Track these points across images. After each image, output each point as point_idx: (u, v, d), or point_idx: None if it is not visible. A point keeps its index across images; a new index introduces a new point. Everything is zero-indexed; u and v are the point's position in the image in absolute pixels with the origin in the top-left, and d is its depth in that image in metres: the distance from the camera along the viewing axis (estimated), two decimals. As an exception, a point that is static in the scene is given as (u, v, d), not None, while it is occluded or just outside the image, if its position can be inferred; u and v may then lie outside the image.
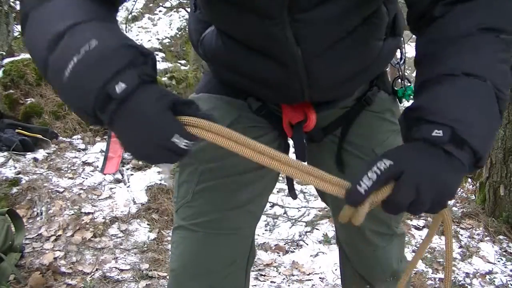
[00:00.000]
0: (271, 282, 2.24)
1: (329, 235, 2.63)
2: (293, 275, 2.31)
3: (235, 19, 0.80)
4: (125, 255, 2.33)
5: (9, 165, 2.85)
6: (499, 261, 2.51)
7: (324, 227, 2.73)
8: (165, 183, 0.64)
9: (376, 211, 1.09)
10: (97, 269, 2.20)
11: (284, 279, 2.27)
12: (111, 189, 2.86)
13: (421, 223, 2.87)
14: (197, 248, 0.97)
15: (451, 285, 2.19)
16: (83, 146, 3.29)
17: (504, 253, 2.59)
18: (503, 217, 2.78)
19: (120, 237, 2.49)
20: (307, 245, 2.58)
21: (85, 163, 3.08)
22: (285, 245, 2.59)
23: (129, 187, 2.89)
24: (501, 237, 2.72)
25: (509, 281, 2.33)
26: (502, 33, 0.69)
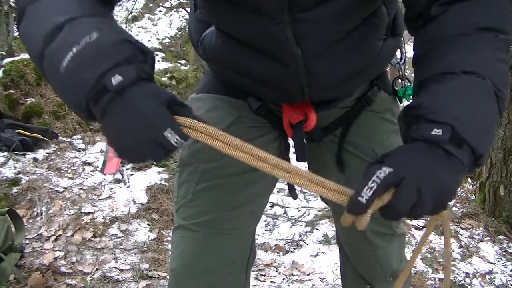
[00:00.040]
0: (271, 282, 2.24)
1: (329, 235, 2.63)
2: (293, 275, 2.31)
3: (235, 19, 0.80)
4: (125, 255, 2.33)
5: (9, 165, 2.85)
6: (499, 261, 2.51)
7: (324, 227, 2.73)
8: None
9: (376, 212, 1.09)
10: (97, 269, 2.20)
11: (284, 279, 2.27)
12: (111, 189, 2.86)
13: (421, 223, 2.87)
14: (197, 248, 0.97)
15: (452, 285, 2.19)
16: (83, 146, 3.29)
17: (504, 253, 2.59)
18: (503, 217, 2.78)
19: (120, 237, 2.49)
20: (307, 245, 2.58)
21: (85, 163, 3.08)
22: (285, 245, 2.59)
23: (129, 187, 2.89)
24: (501, 237, 2.72)
25: (509, 281, 2.33)
26: (499, 33, 0.69)
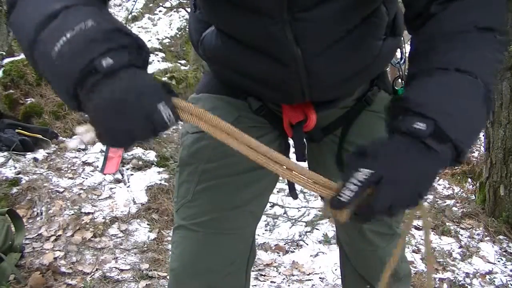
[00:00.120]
0: (271, 282, 2.24)
1: (329, 235, 2.63)
2: (293, 275, 2.30)
3: (235, 19, 0.80)
4: (125, 255, 2.33)
5: (9, 165, 2.85)
6: (499, 261, 2.51)
7: (324, 227, 2.73)
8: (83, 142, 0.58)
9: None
10: (97, 269, 2.19)
11: (284, 279, 2.27)
12: (111, 189, 2.86)
13: (421, 223, 2.86)
14: (197, 247, 0.97)
15: (452, 285, 2.19)
16: (83, 146, 3.29)
17: (504, 253, 2.59)
18: (503, 217, 2.78)
19: (120, 237, 2.49)
20: (307, 245, 2.58)
21: (85, 163, 3.08)
22: (285, 245, 2.59)
23: (129, 187, 2.89)
24: (501, 237, 2.72)
25: (509, 281, 2.33)
26: (498, 34, 0.69)
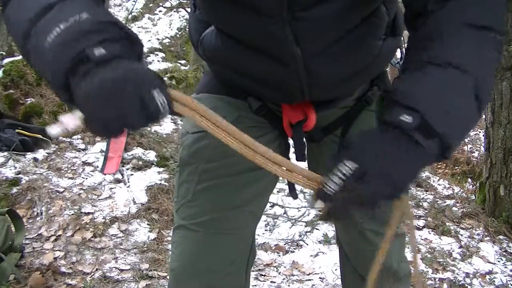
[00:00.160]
0: (271, 282, 2.24)
1: (329, 235, 2.63)
2: (293, 275, 2.31)
3: (235, 18, 0.80)
4: (125, 255, 2.33)
5: (9, 165, 2.85)
6: (499, 261, 2.51)
7: (324, 227, 2.73)
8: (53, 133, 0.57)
9: (377, 212, 1.08)
10: (97, 269, 2.19)
11: (284, 279, 2.27)
12: (111, 189, 2.86)
13: (421, 223, 2.87)
14: (197, 247, 0.97)
15: (452, 285, 2.19)
16: (83, 146, 3.28)
17: (504, 253, 2.59)
18: (503, 217, 2.78)
19: (120, 237, 2.49)
20: (307, 245, 2.58)
21: (85, 163, 3.08)
22: (285, 245, 2.59)
23: (129, 187, 2.89)
24: (501, 237, 2.72)
25: (509, 281, 2.33)
26: (492, 32, 0.69)
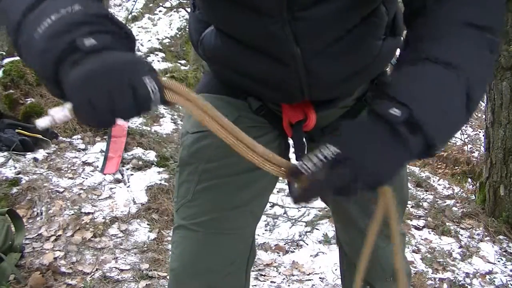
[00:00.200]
0: (271, 282, 2.24)
1: (329, 235, 2.63)
2: (293, 275, 2.31)
3: (235, 18, 0.80)
4: (125, 255, 2.33)
5: (9, 165, 2.85)
6: (499, 261, 2.51)
7: (324, 227, 2.73)
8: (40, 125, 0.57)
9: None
10: (97, 269, 2.19)
11: (284, 279, 2.27)
12: (111, 189, 2.85)
13: (421, 223, 2.87)
14: (197, 247, 0.97)
15: (452, 285, 2.19)
16: (83, 146, 3.28)
17: (504, 253, 2.59)
18: (503, 217, 2.78)
19: (120, 237, 2.49)
20: (307, 245, 2.58)
21: (85, 163, 3.08)
22: (285, 245, 2.59)
23: (129, 187, 2.89)
24: (501, 237, 2.72)
25: (509, 281, 2.33)
26: (489, 33, 0.68)
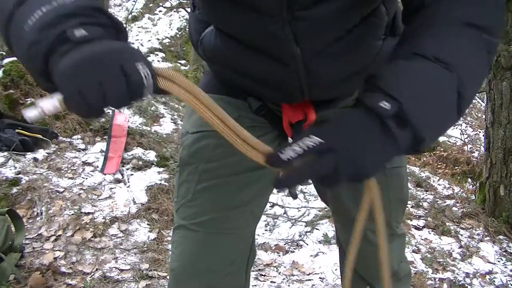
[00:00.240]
0: (271, 282, 2.24)
1: (329, 235, 2.63)
2: (293, 275, 2.31)
3: (235, 18, 0.80)
4: (125, 255, 2.33)
5: (9, 165, 2.84)
6: (499, 261, 2.51)
7: (324, 227, 2.73)
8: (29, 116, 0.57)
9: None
10: (97, 269, 2.19)
11: (284, 279, 2.27)
12: (111, 189, 2.85)
13: (421, 223, 2.87)
14: (197, 247, 0.97)
15: (452, 285, 2.19)
16: (83, 146, 3.28)
17: (504, 253, 2.59)
18: (503, 217, 2.78)
19: (120, 237, 2.48)
20: (307, 245, 2.58)
21: (85, 163, 3.07)
22: (285, 245, 2.59)
23: (129, 187, 2.88)
24: (501, 237, 2.72)
25: (509, 281, 2.33)
26: (487, 33, 0.68)
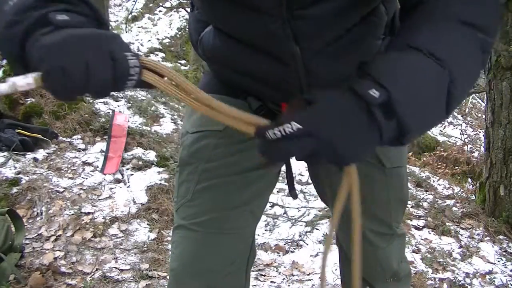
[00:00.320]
0: (271, 282, 2.24)
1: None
2: (293, 275, 2.30)
3: (234, 18, 0.80)
4: (125, 255, 2.33)
5: (9, 165, 2.84)
6: (499, 261, 2.51)
7: (324, 227, 2.73)
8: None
9: (376, 212, 1.08)
10: (97, 269, 2.19)
11: (284, 279, 2.27)
12: (111, 189, 2.85)
13: (421, 223, 2.87)
14: (196, 247, 0.97)
15: (452, 285, 2.19)
16: (83, 146, 3.28)
17: (504, 253, 2.59)
18: (503, 217, 2.78)
19: (120, 237, 2.48)
20: (307, 245, 2.58)
21: (85, 163, 3.07)
22: (285, 245, 2.58)
23: (129, 187, 2.88)
24: (501, 237, 2.72)
25: (509, 281, 2.33)
26: (482, 32, 0.68)
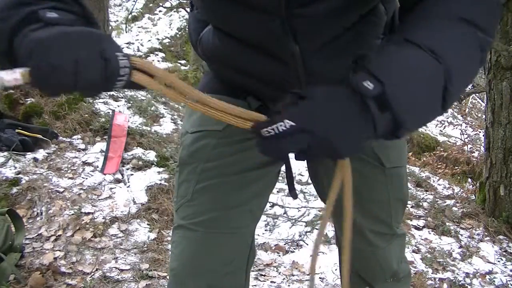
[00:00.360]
0: (271, 282, 2.24)
1: (329, 235, 2.63)
2: (293, 275, 2.30)
3: (233, 16, 0.80)
4: (125, 255, 2.33)
5: (9, 165, 2.85)
6: (499, 261, 2.51)
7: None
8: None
9: (376, 212, 1.08)
10: (97, 269, 2.19)
11: (284, 279, 2.27)
12: (111, 189, 2.85)
13: (421, 223, 2.87)
14: (196, 247, 0.97)
15: (452, 285, 2.18)
16: (83, 146, 3.28)
17: (504, 253, 2.59)
18: (503, 217, 2.78)
19: (120, 237, 2.48)
20: (307, 245, 2.58)
21: (85, 163, 3.07)
22: (285, 245, 2.58)
23: (129, 187, 2.88)
24: (501, 237, 2.72)
25: (509, 281, 2.33)
26: (482, 31, 0.68)
